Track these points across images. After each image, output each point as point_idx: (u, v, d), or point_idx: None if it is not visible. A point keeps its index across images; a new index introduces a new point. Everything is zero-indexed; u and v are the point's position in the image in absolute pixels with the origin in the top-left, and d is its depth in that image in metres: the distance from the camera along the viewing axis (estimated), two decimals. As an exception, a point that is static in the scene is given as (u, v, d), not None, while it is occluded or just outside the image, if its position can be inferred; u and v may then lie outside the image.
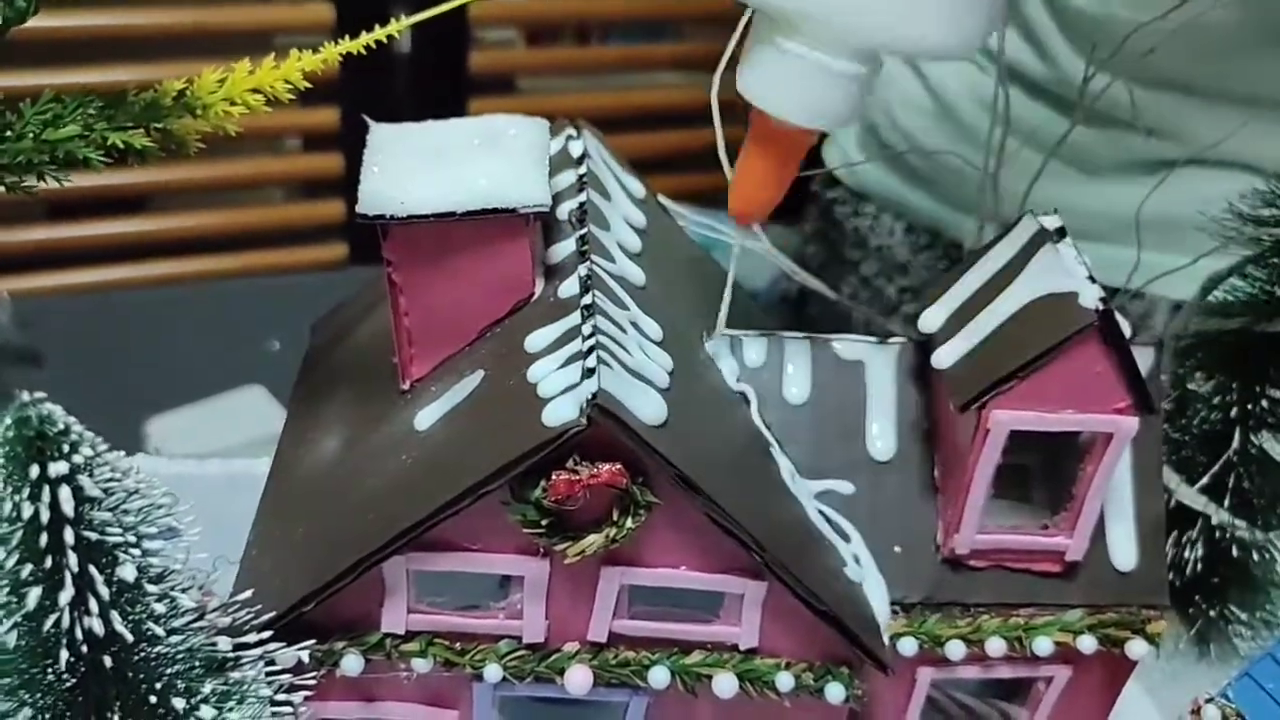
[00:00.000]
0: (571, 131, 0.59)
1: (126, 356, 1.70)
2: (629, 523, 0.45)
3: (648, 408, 0.44)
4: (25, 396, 0.34)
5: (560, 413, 0.43)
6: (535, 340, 0.47)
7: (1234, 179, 0.64)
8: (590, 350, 0.44)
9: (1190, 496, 0.68)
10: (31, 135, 0.48)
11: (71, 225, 1.81)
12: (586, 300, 0.47)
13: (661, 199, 0.66)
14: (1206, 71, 0.88)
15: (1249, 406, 0.65)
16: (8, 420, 0.34)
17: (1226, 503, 0.67)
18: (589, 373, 0.43)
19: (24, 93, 0.48)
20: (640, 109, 2.10)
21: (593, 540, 0.45)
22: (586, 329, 0.46)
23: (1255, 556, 0.68)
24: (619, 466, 0.44)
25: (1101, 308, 0.47)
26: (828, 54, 0.46)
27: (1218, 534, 0.68)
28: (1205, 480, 0.66)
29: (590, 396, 0.42)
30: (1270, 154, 0.69)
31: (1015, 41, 0.98)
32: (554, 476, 0.43)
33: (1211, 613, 0.71)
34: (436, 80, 1.92)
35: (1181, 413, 0.69)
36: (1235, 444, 0.65)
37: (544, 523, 0.45)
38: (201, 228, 1.90)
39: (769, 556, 0.47)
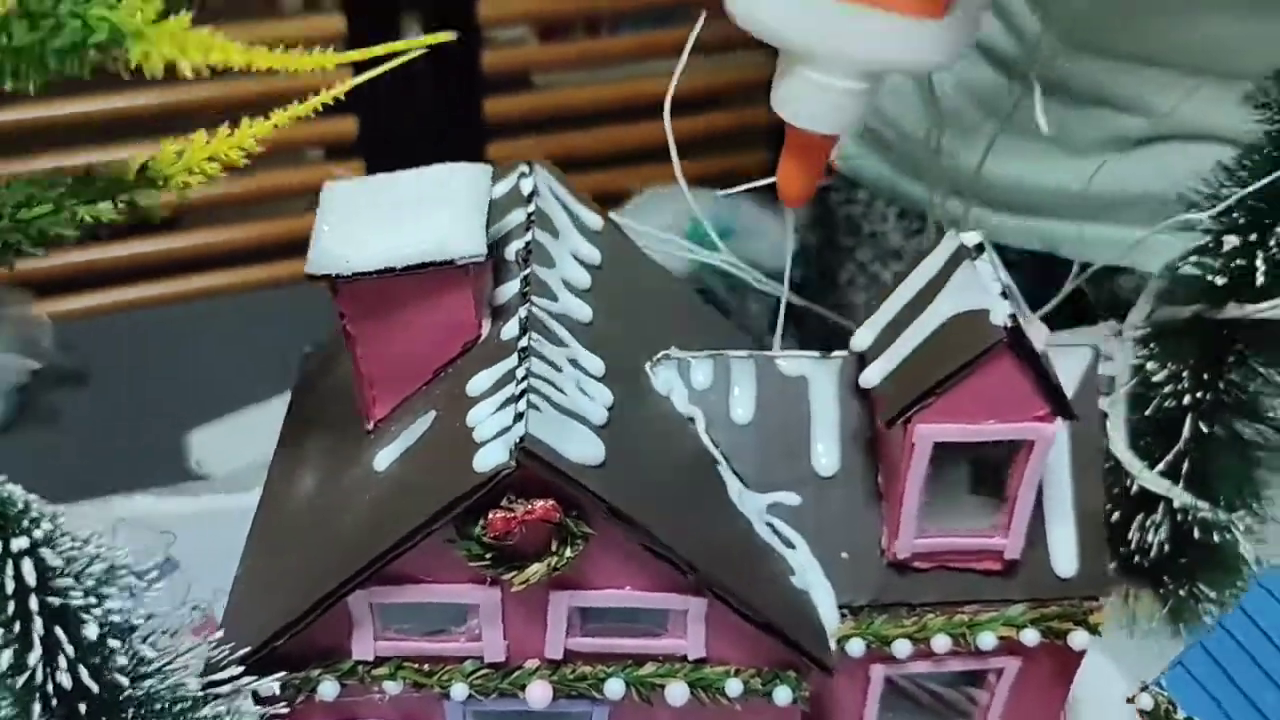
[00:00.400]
0: (524, 169, 0.62)
1: (165, 372, 1.76)
2: (568, 552, 0.49)
3: (579, 445, 0.48)
4: (-15, 481, 0.38)
5: (492, 457, 0.46)
6: (476, 384, 0.50)
7: (1211, 151, 0.65)
8: (522, 394, 0.48)
9: (1152, 481, 0.70)
10: (7, 215, 0.52)
11: (106, 246, 1.87)
12: (523, 343, 0.50)
13: (622, 222, 0.69)
14: (1160, 40, 0.89)
15: (1199, 394, 0.67)
16: (-27, 502, 0.38)
17: (1183, 486, 0.68)
18: (519, 416, 0.47)
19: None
20: (656, 96, 2.13)
21: (536, 570, 0.49)
22: (520, 372, 0.49)
23: (1217, 537, 0.70)
24: (552, 502, 0.47)
25: (1010, 324, 0.49)
26: (836, 76, 0.58)
27: (1179, 516, 0.70)
28: (1162, 466, 0.68)
29: (519, 440, 0.46)
30: (1229, 124, 0.70)
31: (987, 19, 0.99)
32: (491, 515, 0.47)
33: (1181, 592, 0.73)
34: (451, 83, 1.96)
35: (1144, 400, 0.70)
36: (1187, 430, 0.67)
37: (488, 556, 0.48)
38: (231, 242, 1.96)
39: (701, 576, 0.50)
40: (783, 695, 0.54)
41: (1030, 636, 0.57)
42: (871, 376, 0.54)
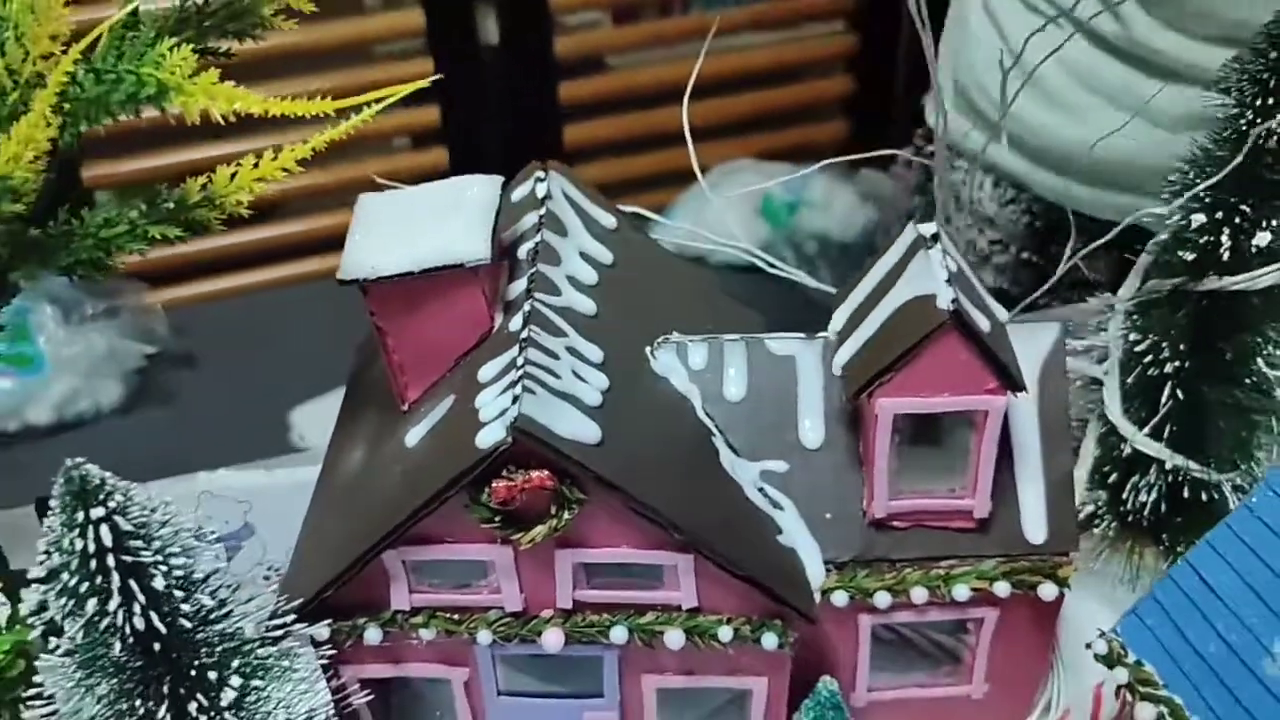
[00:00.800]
0: (540, 174, 0.69)
1: (269, 353, 1.89)
2: (566, 515, 0.56)
3: (571, 424, 0.55)
4: (69, 461, 0.47)
5: (493, 434, 0.54)
6: (485, 371, 0.58)
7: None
8: (520, 380, 0.55)
9: (1145, 443, 0.74)
10: (92, 236, 0.61)
11: (211, 237, 2.00)
12: (524, 334, 0.58)
13: (649, 217, 0.75)
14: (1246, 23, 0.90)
15: (1180, 362, 0.71)
16: (61, 480, 0.46)
17: (1171, 447, 0.72)
18: (516, 399, 0.54)
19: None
20: (729, 73, 2.17)
21: (539, 531, 0.56)
22: (520, 360, 0.56)
23: (1206, 496, 0.74)
24: (547, 473, 0.54)
25: (954, 308, 0.55)
26: None
27: (1172, 476, 0.74)
28: (1148, 430, 0.72)
29: (514, 419, 0.53)
30: None
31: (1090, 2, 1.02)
32: (494, 484, 0.54)
33: (1180, 548, 0.77)
34: (526, 69, 2.03)
35: (1133, 367, 0.75)
36: (1166, 395, 0.71)
37: (497, 519, 0.56)
38: (326, 229, 2.08)
39: (686, 535, 0.56)
40: (770, 641, 0.61)
41: (1002, 588, 0.63)
42: (841, 356, 0.60)
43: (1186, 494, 0.74)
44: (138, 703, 0.50)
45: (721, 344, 0.65)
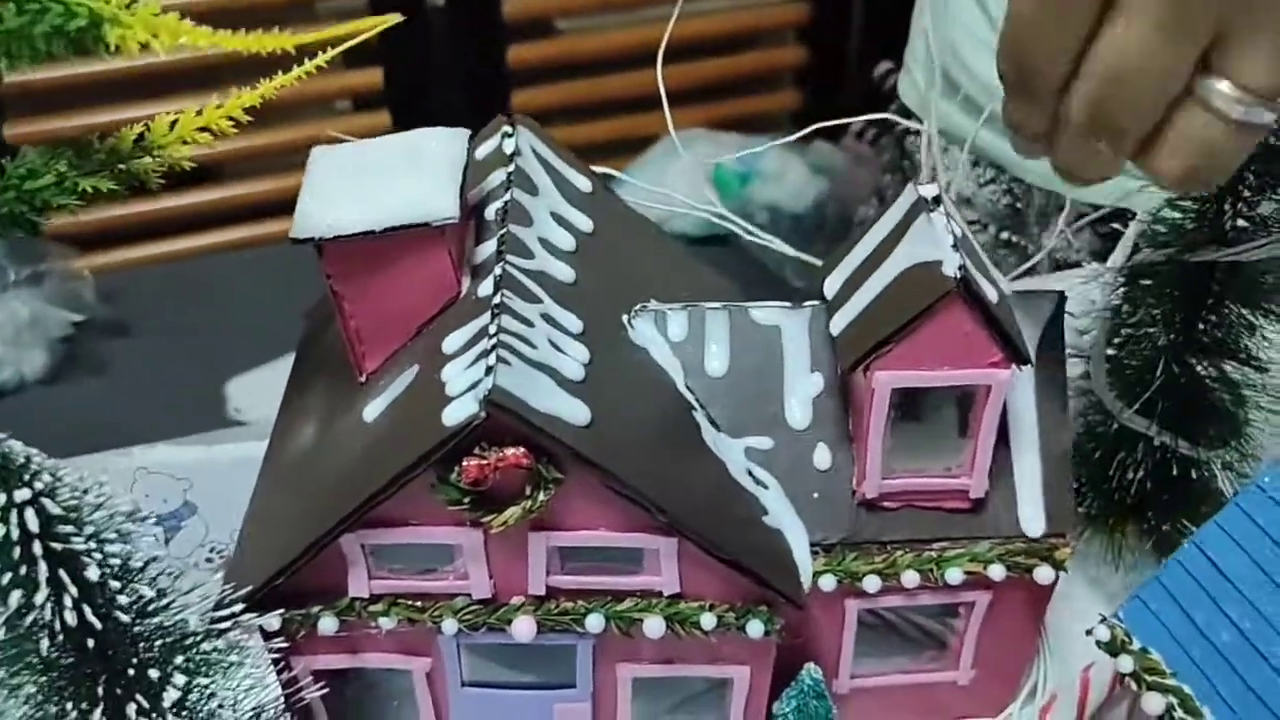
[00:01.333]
0: (507, 129, 0.64)
1: (205, 322, 1.82)
2: (541, 496, 0.52)
3: (550, 398, 0.50)
4: (-12, 439, 0.41)
5: (464, 408, 0.49)
6: (452, 340, 0.53)
7: None
8: (493, 349, 0.50)
9: (1132, 420, 0.71)
10: (14, 189, 0.55)
11: (145, 200, 1.92)
12: (496, 300, 0.53)
13: (616, 177, 0.71)
14: None
15: (1173, 335, 0.68)
16: (-23, 459, 0.41)
17: (1160, 424, 0.70)
18: (489, 370, 0.49)
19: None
20: (680, 39, 2.12)
21: (512, 513, 0.52)
22: (492, 328, 0.52)
23: (1195, 474, 0.71)
24: (522, 450, 0.50)
25: (961, 275, 0.51)
26: None
27: (1160, 454, 0.72)
28: (1137, 406, 0.70)
29: (488, 392, 0.48)
30: None
31: None
32: (465, 462, 0.50)
33: (1165, 527, 0.75)
34: (473, 32, 1.97)
35: (1123, 340, 0.72)
36: (1160, 370, 0.68)
37: (466, 500, 0.51)
38: (264, 194, 2.01)
39: (669, 516, 0.53)
40: (755, 628, 0.57)
41: (997, 572, 0.60)
42: (837, 324, 0.56)
43: (1175, 472, 0.72)
44: (69, 705, 0.45)
45: (703, 312, 0.61)
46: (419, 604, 0.57)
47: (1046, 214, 1.10)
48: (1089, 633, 0.57)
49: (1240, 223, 0.65)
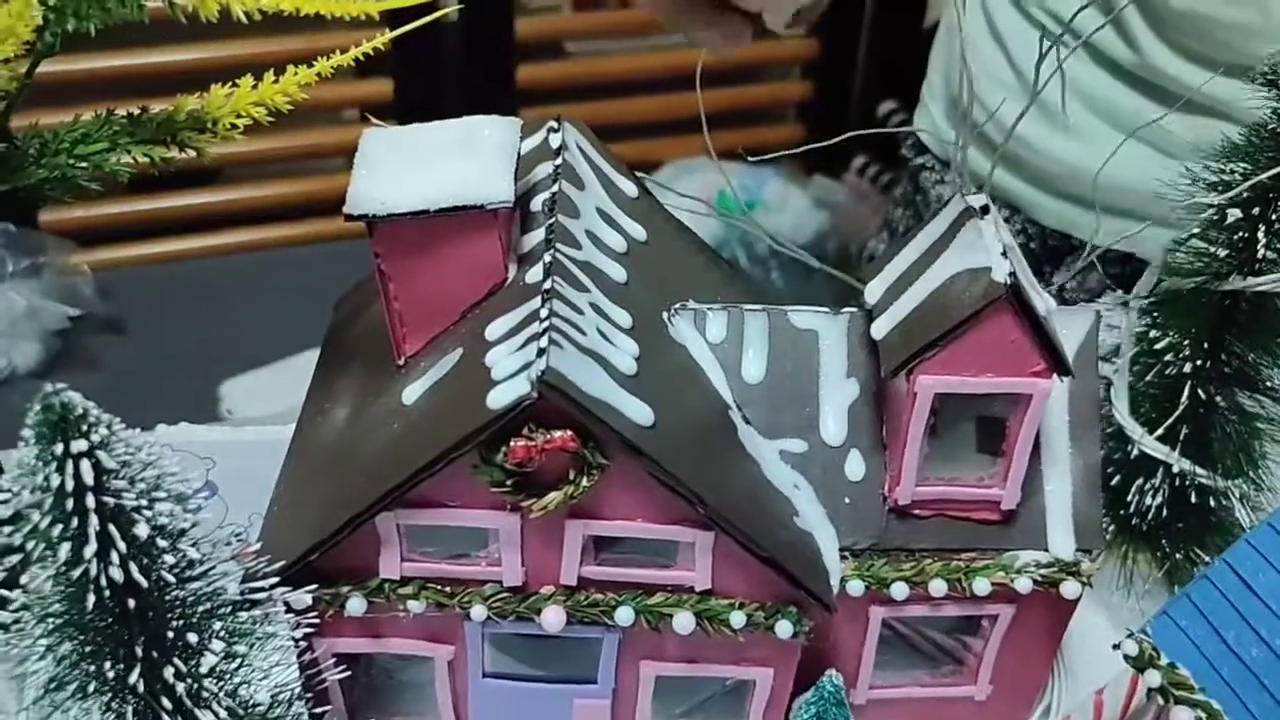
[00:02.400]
0: (553, 125, 0.64)
1: (201, 322, 1.80)
2: (584, 481, 0.52)
3: (598, 383, 0.51)
4: (49, 387, 0.41)
5: (515, 389, 0.49)
6: (500, 324, 0.53)
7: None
8: (545, 331, 0.50)
9: (1152, 446, 0.72)
10: (65, 150, 0.55)
11: (147, 198, 1.91)
12: (547, 285, 0.53)
13: (656, 185, 0.71)
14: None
15: (1199, 362, 0.69)
16: (37, 407, 0.41)
17: (1180, 452, 0.70)
18: (541, 352, 0.49)
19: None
20: (687, 67, 2.14)
21: (553, 497, 0.52)
22: (544, 312, 0.52)
23: (1213, 503, 0.72)
24: (570, 433, 0.50)
25: (1011, 281, 0.52)
26: None
27: (1178, 481, 0.72)
28: (1160, 431, 0.70)
29: (540, 373, 0.48)
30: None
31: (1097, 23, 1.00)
32: (512, 443, 0.50)
33: (1178, 555, 0.75)
34: (485, 49, 1.98)
35: (1146, 367, 0.73)
36: (1186, 398, 0.69)
37: (509, 483, 0.51)
38: (267, 198, 2.00)
39: (710, 509, 0.53)
40: (784, 629, 0.57)
41: (1024, 584, 0.60)
42: (880, 328, 0.57)
43: (1192, 500, 0.72)
44: (106, 665, 0.45)
45: (742, 314, 0.61)
46: (448, 589, 0.56)
47: (1060, 254, 1.11)
48: (1116, 647, 0.57)
49: (1269, 254, 0.66)
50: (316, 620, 0.54)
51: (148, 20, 0.48)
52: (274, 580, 0.51)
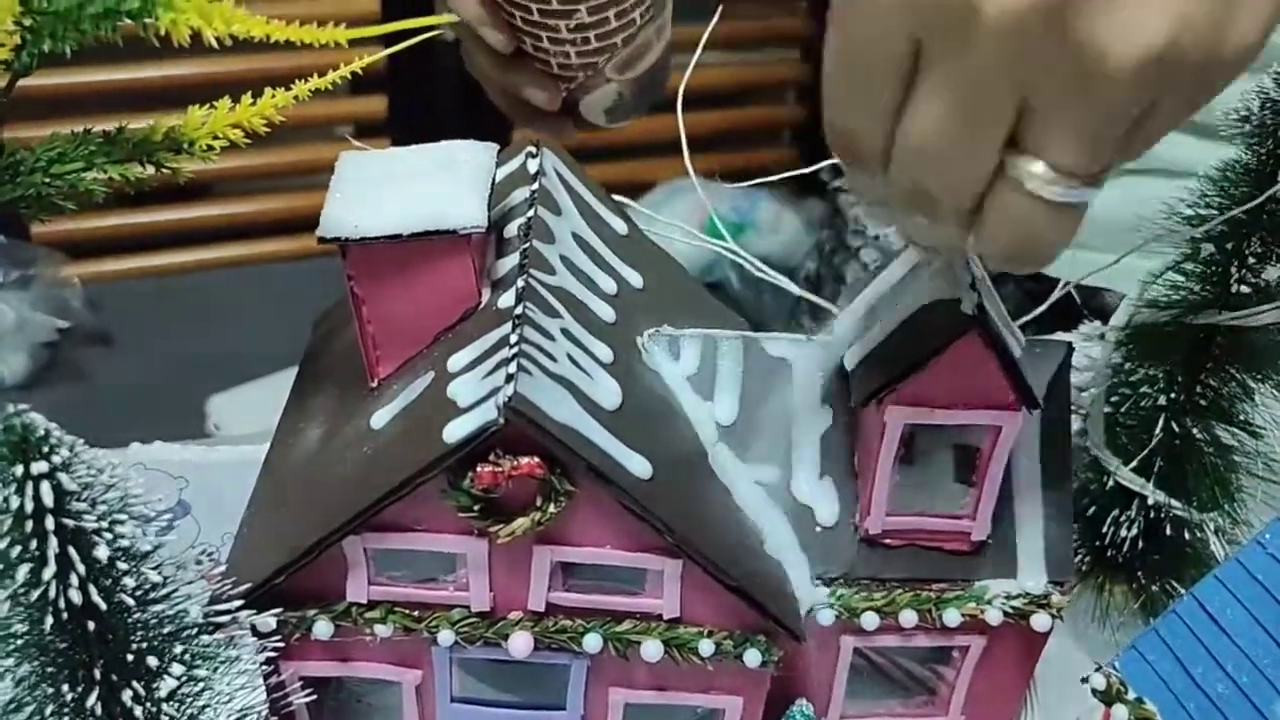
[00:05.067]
0: (531, 149, 0.65)
1: (190, 336, 1.80)
2: (552, 508, 0.52)
3: (565, 409, 0.51)
4: (10, 408, 0.41)
5: (483, 414, 0.49)
6: (471, 349, 0.53)
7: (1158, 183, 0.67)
8: (514, 357, 0.51)
9: (1127, 477, 0.72)
10: (41, 169, 0.55)
11: (138, 212, 1.92)
12: (518, 311, 0.53)
13: (640, 211, 0.72)
14: None
15: (1173, 395, 0.69)
16: (-2, 428, 0.41)
17: (1155, 484, 0.70)
18: (510, 378, 0.49)
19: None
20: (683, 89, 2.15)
21: (520, 524, 0.52)
22: (514, 338, 0.52)
23: (1188, 536, 0.72)
24: (537, 460, 0.50)
25: (979, 314, 0.52)
26: None
27: (1153, 513, 0.72)
28: (1135, 463, 0.71)
29: (508, 399, 0.49)
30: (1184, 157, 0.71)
31: None
32: (479, 468, 0.50)
33: (1154, 587, 0.75)
34: (479, 67, 1.98)
35: (1122, 399, 0.73)
36: (1160, 430, 0.69)
37: (476, 508, 0.51)
38: (260, 213, 2.01)
39: (678, 537, 0.52)
40: (753, 658, 0.57)
41: (994, 616, 0.60)
42: (850, 359, 0.57)
43: (1168, 532, 0.72)
44: (64, 687, 0.44)
45: (716, 341, 0.61)
46: (416, 613, 0.56)
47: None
48: (1084, 680, 0.57)
49: (1244, 288, 0.66)
50: (281, 644, 0.54)
51: (121, 43, 0.48)
52: (239, 604, 0.51)
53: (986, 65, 0.38)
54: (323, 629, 0.56)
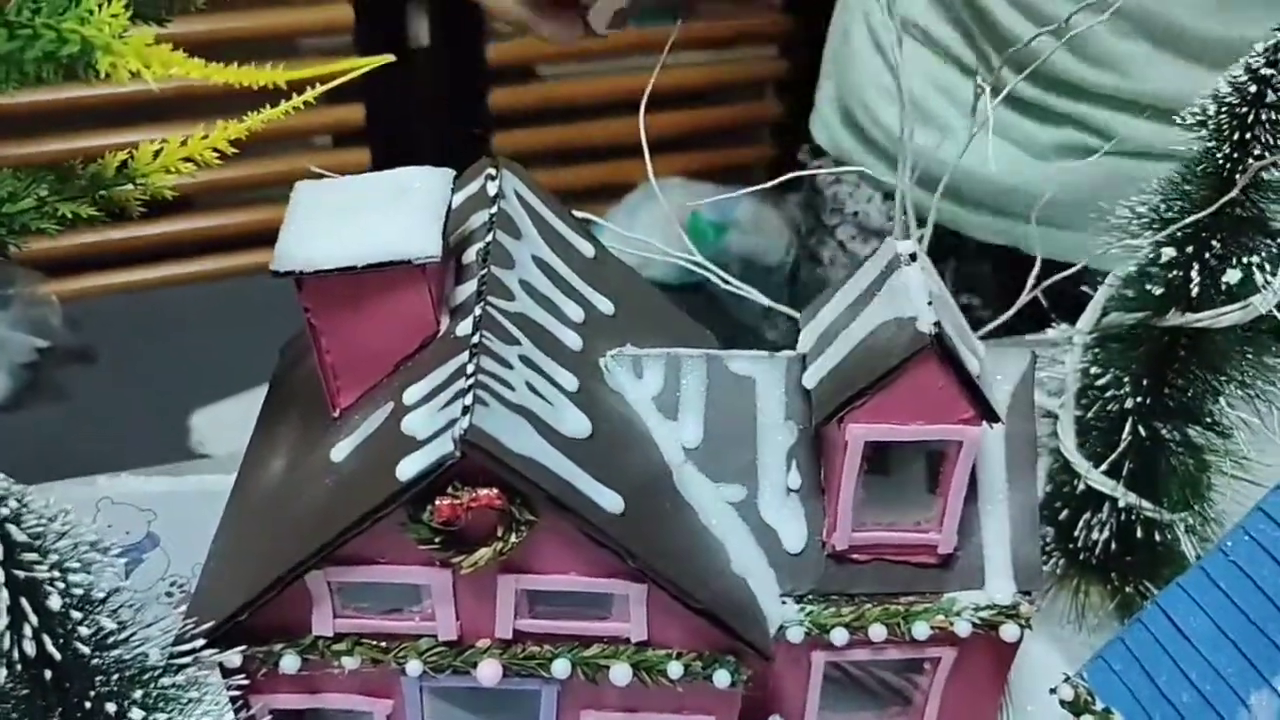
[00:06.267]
0: (491, 171, 0.64)
1: (171, 353, 1.80)
2: (513, 538, 0.51)
3: (523, 439, 0.50)
4: (-44, 463, 0.41)
5: (440, 447, 0.49)
6: (424, 384, 0.53)
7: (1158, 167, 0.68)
8: (470, 388, 0.50)
9: (1098, 480, 0.72)
10: (-8, 211, 0.54)
11: (116, 228, 1.91)
12: (475, 340, 0.53)
13: (595, 222, 0.71)
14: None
15: (1139, 398, 0.69)
16: (-55, 483, 0.41)
17: (1126, 485, 0.70)
18: (466, 410, 0.49)
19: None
20: (659, 90, 2.15)
21: (482, 554, 0.52)
22: (470, 368, 0.52)
23: (1159, 536, 0.72)
24: (496, 491, 0.50)
25: (936, 331, 0.52)
26: None
27: (1125, 515, 0.73)
28: (1105, 466, 0.71)
29: (464, 431, 0.48)
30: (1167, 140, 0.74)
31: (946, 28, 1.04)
32: (438, 501, 0.50)
33: (1128, 588, 0.75)
34: (456, 74, 1.98)
35: (1092, 401, 0.73)
36: (1128, 432, 0.69)
37: (437, 540, 0.51)
38: (238, 226, 2.00)
39: (640, 562, 0.52)
40: (722, 679, 0.57)
41: (963, 628, 0.60)
42: (810, 377, 0.57)
43: (1140, 533, 0.72)
44: (25, 736, 0.44)
45: (680, 360, 0.61)
46: (383, 644, 0.56)
47: (945, 247, 1.13)
48: (1053, 691, 0.57)
49: (1206, 290, 0.66)
50: (246, 681, 0.54)
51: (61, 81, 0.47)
52: (201, 643, 0.51)
53: None
54: (290, 663, 0.56)
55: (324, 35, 1.96)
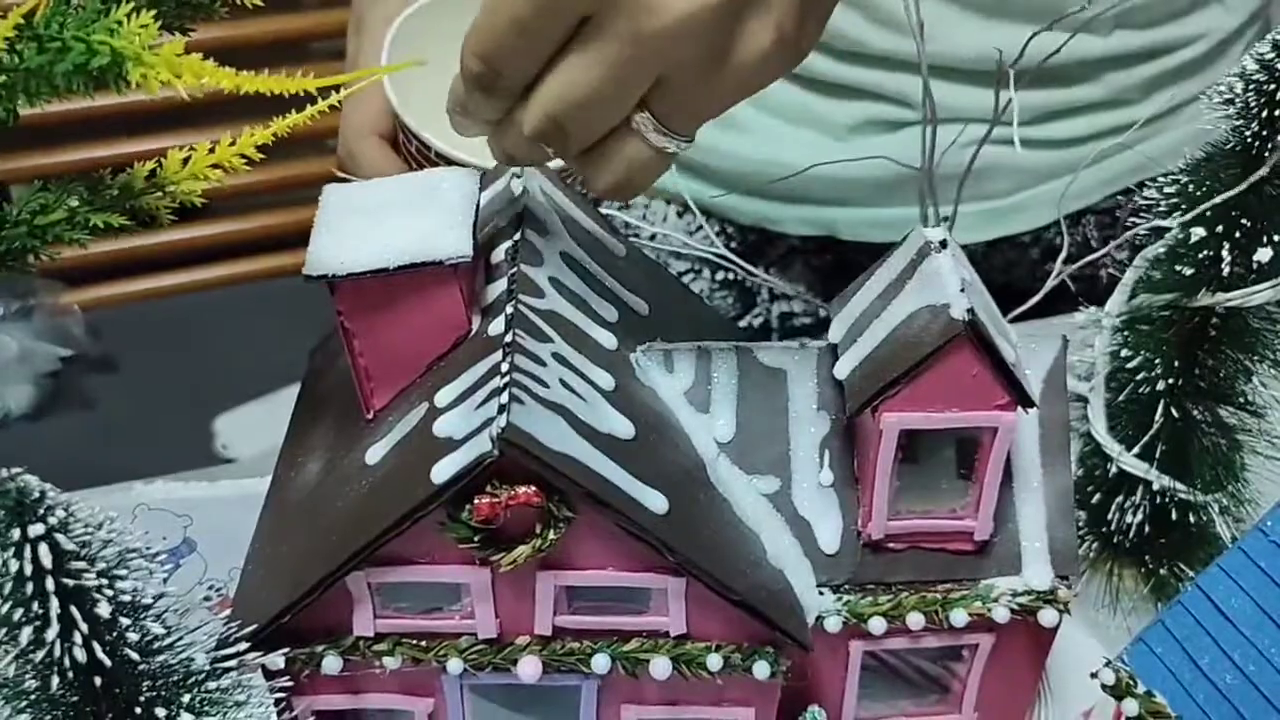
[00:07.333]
0: (516, 171, 0.64)
1: (193, 358, 1.80)
2: (551, 534, 0.52)
3: (559, 435, 0.51)
4: (4, 472, 0.41)
5: (478, 446, 0.49)
6: (457, 385, 0.53)
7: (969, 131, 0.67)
8: (506, 387, 0.51)
9: (1130, 463, 0.72)
10: (25, 223, 0.55)
11: (136, 235, 1.91)
12: (508, 339, 0.53)
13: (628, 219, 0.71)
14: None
15: (1171, 380, 0.69)
16: (-8, 494, 0.41)
17: (1158, 468, 0.70)
18: (503, 408, 0.50)
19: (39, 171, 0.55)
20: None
21: (521, 551, 0.52)
22: (505, 366, 0.52)
23: (1194, 518, 0.72)
24: (534, 488, 0.50)
25: (969, 318, 0.52)
26: None
27: (1157, 498, 0.72)
28: (1137, 449, 0.70)
29: (501, 430, 0.49)
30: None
31: None
32: (476, 500, 0.50)
33: (1162, 571, 0.75)
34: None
35: (1122, 384, 0.73)
36: (1160, 414, 0.69)
37: (476, 539, 0.51)
38: (258, 230, 2.00)
39: (679, 556, 0.53)
40: (761, 670, 0.57)
41: (1001, 614, 0.60)
42: (843, 368, 0.57)
43: (1173, 516, 0.72)
44: (74, 743, 0.45)
45: (711, 352, 0.61)
46: (423, 644, 0.56)
47: (760, 249, 1.11)
48: (1094, 675, 0.57)
49: (1236, 269, 0.66)
50: (290, 683, 0.54)
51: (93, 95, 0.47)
52: (245, 645, 0.51)
53: (652, 49, 0.49)
54: (332, 664, 0.56)
55: (334, 39, 1.96)
